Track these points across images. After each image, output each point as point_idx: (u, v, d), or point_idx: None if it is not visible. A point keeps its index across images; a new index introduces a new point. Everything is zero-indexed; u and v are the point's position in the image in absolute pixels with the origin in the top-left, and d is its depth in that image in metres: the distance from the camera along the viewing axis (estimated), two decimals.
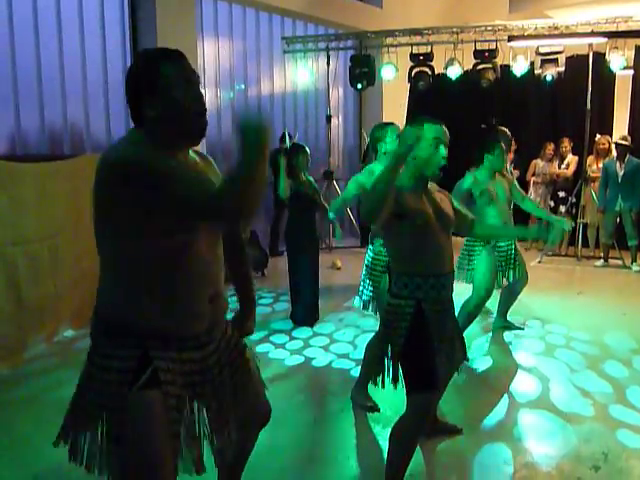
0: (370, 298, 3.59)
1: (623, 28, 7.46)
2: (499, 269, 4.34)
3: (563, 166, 8.01)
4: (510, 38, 7.81)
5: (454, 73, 8.19)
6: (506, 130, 4.72)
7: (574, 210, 7.83)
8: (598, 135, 7.72)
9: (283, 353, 4.42)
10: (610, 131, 8.17)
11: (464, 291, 4.15)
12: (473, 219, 2.69)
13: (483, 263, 4.23)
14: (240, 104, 8.64)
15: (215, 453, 1.85)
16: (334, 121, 9.63)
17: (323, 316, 5.18)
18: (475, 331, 4.65)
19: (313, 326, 5.02)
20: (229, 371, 1.86)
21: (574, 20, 7.83)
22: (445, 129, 2.40)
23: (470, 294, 4.24)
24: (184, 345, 1.72)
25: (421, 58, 8.36)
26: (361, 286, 3.63)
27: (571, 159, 7.98)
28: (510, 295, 4.73)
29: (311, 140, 9.53)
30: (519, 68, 7.99)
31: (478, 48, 8.10)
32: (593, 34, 7.51)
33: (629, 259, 7.25)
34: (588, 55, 7.71)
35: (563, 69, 7.83)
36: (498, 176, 4.36)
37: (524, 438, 3.12)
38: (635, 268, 7.14)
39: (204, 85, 7.77)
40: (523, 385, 3.82)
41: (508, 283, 4.48)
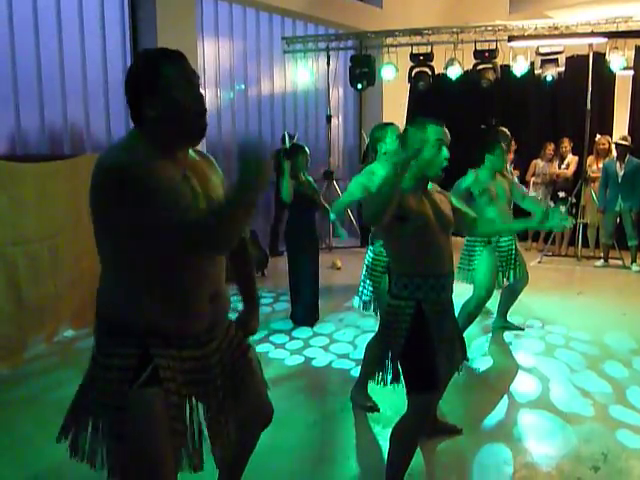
0: (370, 299, 3.59)
1: (623, 28, 7.46)
2: (500, 269, 4.34)
3: (563, 166, 8.00)
4: (510, 38, 7.81)
5: (454, 73, 8.19)
6: (505, 130, 4.72)
7: (574, 210, 7.83)
8: (598, 135, 7.72)
9: (283, 353, 4.42)
10: (610, 131, 8.17)
11: (464, 292, 4.15)
12: (475, 218, 2.67)
13: (484, 263, 4.23)
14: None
15: (214, 452, 1.85)
16: (334, 121, 9.63)
17: (323, 316, 5.18)
18: (475, 331, 4.65)
19: (313, 326, 5.02)
20: (231, 371, 1.86)
21: (574, 20, 7.84)
22: (446, 130, 2.40)
23: (470, 294, 4.24)
24: (184, 343, 1.72)
25: (421, 58, 8.37)
26: (361, 286, 3.62)
27: (571, 159, 7.97)
28: (511, 295, 4.73)
29: (311, 140, 9.52)
30: (519, 68, 7.99)
31: (478, 48, 8.10)
32: (593, 34, 7.51)
33: (629, 259, 7.25)
34: (588, 55, 7.71)
35: (563, 69, 7.83)
36: (499, 176, 4.37)
37: (524, 438, 3.12)
38: (635, 268, 7.14)
39: (204, 85, 7.78)
40: (523, 385, 3.82)
41: (509, 283, 4.48)
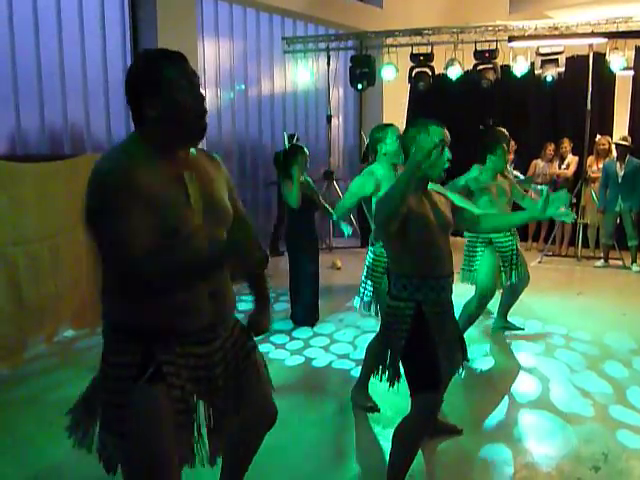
0: (371, 299, 3.58)
1: (623, 28, 7.46)
2: (502, 269, 4.33)
3: (563, 166, 8.00)
4: (510, 38, 7.81)
5: (454, 73, 8.19)
6: (504, 130, 4.71)
7: (574, 210, 7.83)
8: (598, 135, 7.72)
9: (283, 353, 4.42)
10: (610, 131, 8.16)
11: (464, 292, 4.15)
12: (478, 215, 2.65)
13: (486, 264, 4.22)
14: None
15: (210, 451, 1.86)
16: (334, 121, 9.63)
17: (323, 316, 5.18)
18: (475, 332, 4.64)
19: (313, 326, 5.02)
20: (235, 371, 1.87)
21: (574, 20, 7.84)
22: (446, 131, 2.41)
23: (472, 295, 4.24)
24: (186, 340, 1.73)
25: (421, 58, 8.37)
26: (362, 287, 3.61)
27: (571, 159, 7.97)
28: (511, 295, 4.71)
29: (311, 140, 9.53)
30: (519, 68, 7.99)
31: (478, 48, 8.10)
32: (593, 34, 7.51)
33: (629, 259, 7.25)
34: (588, 55, 7.71)
35: (563, 69, 7.82)
36: (499, 176, 4.37)
37: (524, 438, 3.12)
38: (635, 268, 7.14)
39: (204, 85, 7.78)
40: (523, 385, 3.82)
41: (510, 283, 4.47)
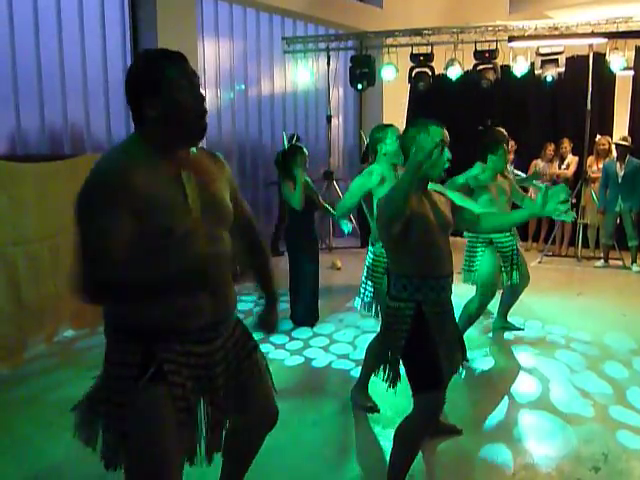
0: (371, 300, 3.58)
1: (623, 29, 7.45)
2: (503, 269, 4.32)
3: (563, 166, 8.00)
4: (510, 39, 7.81)
5: (454, 73, 8.19)
6: (503, 130, 4.71)
7: (574, 211, 7.82)
8: (598, 136, 7.72)
9: (283, 354, 4.42)
10: (610, 132, 8.16)
11: (464, 293, 4.15)
12: (478, 215, 2.64)
13: (486, 264, 4.22)
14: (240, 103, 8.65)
15: (208, 449, 1.86)
16: (334, 121, 9.63)
17: (323, 316, 5.18)
18: (475, 332, 4.64)
19: (313, 326, 5.01)
20: (236, 371, 1.87)
21: (574, 21, 7.83)
22: (445, 131, 2.41)
23: (473, 295, 4.24)
24: (187, 339, 1.73)
25: (421, 58, 8.36)
26: (362, 287, 3.62)
27: (571, 159, 7.97)
28: (511, 296, 4.71)
29: (311, 140, 9.53)
30: (519, 69, 7.99)
31: (478, 48, 8.10)
32: (593, 35, 7.51)
33: (629, 260, 7.25)
34: (588, 56, 7.71)
35: (563, 70, 7.82)
36: (499, 177, 4.37)
37: (524, 439, 3.12)
38: (635, 269, 7.14)
39: (204, 85, 7.78)
40: (523, 386, 3.82)
41: (510, 283, 4.47)
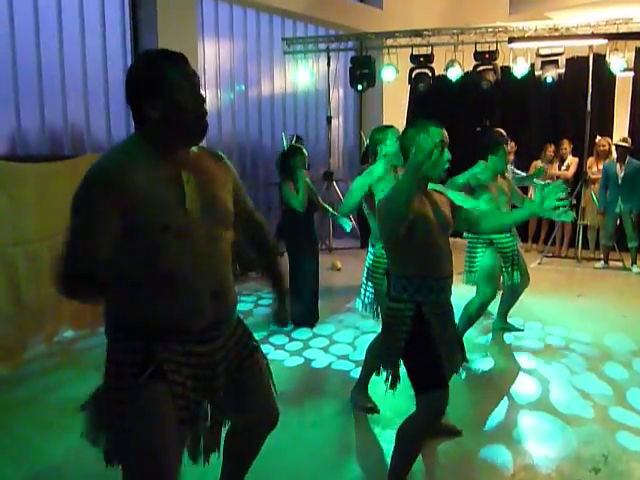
0: (372, 301, 3.58)
1: (623, 30, 7.45)
2: (503, 270, 4.32)
3: (563, 167, 8.00)
4: (510, 40, 7.80)
5: (454, 74, 8.19)
6: (502, 131, 4.72)
7: (574, 211, 7.82)
8: (598, 137, 7.72)
9: (283, 354, 4.41)
10: (610, 133, 8.16)
11: (463, 294, 4.15)
12: (478, 215, 2.65)
13: (487, 264, 4.21)
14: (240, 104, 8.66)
15: (205, 449, 1.87)
16: (334, 122, 9.63)
17: (323, 317, 5.18)
18: (475, 332, 4.64)
19: (313, 327, 5.01)
20: (237, 371, 1.87)
21: (574, 22, 7.83)
22: (445, 131, 2.41)
23: (473, 296, 4.23)
24: (187, 338, 1.73)
25: (421, 59, 8.36)
26: (362, 288, 3.62)
27: (571, 160, 7.97)
28: (511, 296, 4.71)
29: (311, 141, 9.52)
30: (519, 70, 7.99)
31: (478, 50, 8.10)
32: (593, 36, 7.50)
33: (629, 261, 7.25)
34: (588, 57, 7.71)
35: (563, 71, 7.82)
36: (499, 178, 4.37)
37: (524, 440, 3.12)
38: (635, 270, 7.14)
39: (205, 86, 7.78)
40: (523, 387, 3.82)
41: (511, 284, 4.47)
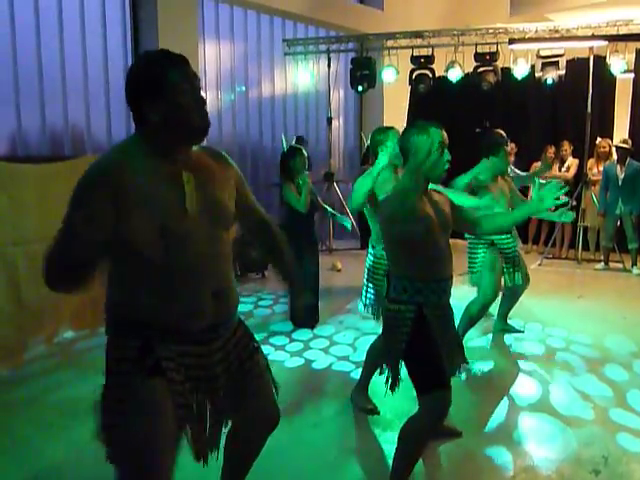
0: (372, 302, 3.58)
1: (624, 31, 7.45)
2: (505, 270, 4.32)
3: (563, 169, 7.99)
4: (511, 41, 7.80)
5: (455, 76, 8.19)
6: (502, 132, 4.71)
7: (575, 213, 7.81)
8: (599, 138, 7.72)
9: (283, 355, 4.41)
10: (611, 134, 8.17)
11: (462, 295, 4.13)
12: (479, 216, 2.64)
13: (489, 265, 4.21)
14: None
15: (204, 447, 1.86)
16: (335, 123, 9.64)
17: (323, 318, 5.17)
18: (475, 334, 4.64)
19: (313, 328, 5.01)
20: (237, 372, 1.87)
21: (575, 23, 7.84)
22: (444, 132, 2.41)
23: (474, 297, 4.23)
24: (186, 339, 1.73)
25: (422, 61, 8.37)
26: (364, 290, 3.62)
27: (571, 162, 7.97)
28: (511, 297, 4.71)
29: (312, 142, 9.53)
30: (520, 71, 8.00)
31: (479, 51, 8.11)
32: (594, 37, 7.51)
33: (629, 262, 7.24)
34: (589, 58, 7.70)
35: (564, 72, 7.82)
36: (500, 179, 4.37)
37: (524, 441, 3.12)
38: (635, 271, 7.13)
39: (205, 87, 7.78)
40: (523, 388, 3.81)
41: (512, 285, 4.47)
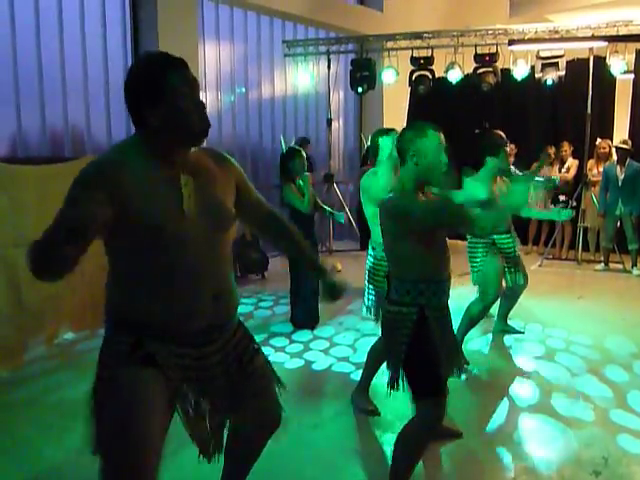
0: (373, 303, 3.57)
1: (623, 32, 7.45)
2: (506, 271, 4.31)
3: (563, 170, 8.00)
4: (511, 42, 7.80)
5: (454, 77, 8.19)
6: (501, 133, 4.71)
7: (575, 214, 7.82)
8: (598, 139, 7.72)
9: (283, 356, 4.41)
10: (610, 135, 8.17)
11: (461, 296, 4.13)
12: (475, 217, 2.64)
13: (489, 266, 4.20)
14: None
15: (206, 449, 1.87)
16: (335, 124, 9.64)
17: (323, 319, 5.17)
18: (475, 335, 4.64)
19: (313, 329, 5.01)
20: (237, 373, 1.86)
21: (574, 24, 7.84)
22: (441, 134, 2.40)
23: (475, 297, 4.22)
24: (184, 340, 1.73)
25: (422, 62, 8.37)
26: (365, 292, 3.61)
27: (571, 163, 7.97)
28: (511, 298, 4.71)
29: (312, 143, 9.52)
30: (520, 72, 7.99)
31: (479, 52, 8.11)
32: (593, 38, 7.52)
33: (629, 263, 7.24)
34: (589, 59, 7.71)
35: (563, 73, 7.82)
36: (499, 180, 4.37)
37: (524, 442, 3.11)
38: (635, 272, 7.13)
39: (205, 88, 7.79)
40: (523, 389, 3.81)
41: (512, 285, 4.47)
